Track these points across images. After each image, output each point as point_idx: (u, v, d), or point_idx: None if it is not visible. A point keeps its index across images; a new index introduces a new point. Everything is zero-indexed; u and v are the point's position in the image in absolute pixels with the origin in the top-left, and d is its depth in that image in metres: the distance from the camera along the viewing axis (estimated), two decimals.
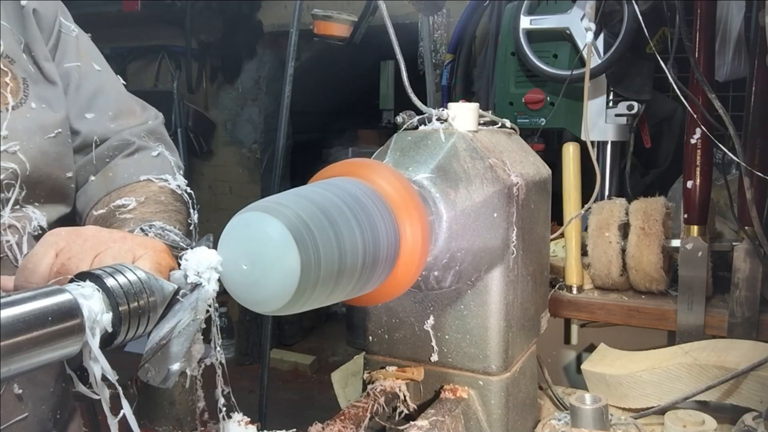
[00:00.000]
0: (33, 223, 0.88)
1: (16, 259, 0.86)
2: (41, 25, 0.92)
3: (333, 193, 0.65)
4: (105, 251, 0.68)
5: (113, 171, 0.99)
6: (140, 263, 0.67)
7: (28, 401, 0.90)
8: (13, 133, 0.84)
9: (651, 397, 1.12)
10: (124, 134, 1.01)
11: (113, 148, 1.00)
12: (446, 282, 0.82)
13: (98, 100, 1.00)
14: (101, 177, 0.99)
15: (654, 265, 1.37)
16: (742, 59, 1.80)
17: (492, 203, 0.84)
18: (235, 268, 0.60)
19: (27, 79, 0.88)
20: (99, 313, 0.54)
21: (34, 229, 0.88)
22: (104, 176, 0.99)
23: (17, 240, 0.86)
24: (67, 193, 0.95)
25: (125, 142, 1.01)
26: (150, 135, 1.05)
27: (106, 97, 1.01)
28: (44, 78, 0.91)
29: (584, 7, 1.65)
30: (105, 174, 0.99)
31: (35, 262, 0.67)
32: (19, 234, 0.86)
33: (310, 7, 2.44)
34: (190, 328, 0.60)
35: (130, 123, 1.03)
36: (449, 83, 2.67)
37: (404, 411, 0.93)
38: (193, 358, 0.61)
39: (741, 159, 1.21)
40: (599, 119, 1.78)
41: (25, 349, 0.48)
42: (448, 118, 0.88)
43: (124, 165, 1.00)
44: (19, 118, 0.85)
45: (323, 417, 0.84)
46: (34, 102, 0.88)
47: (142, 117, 1.06)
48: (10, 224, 0.85)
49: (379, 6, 0.91)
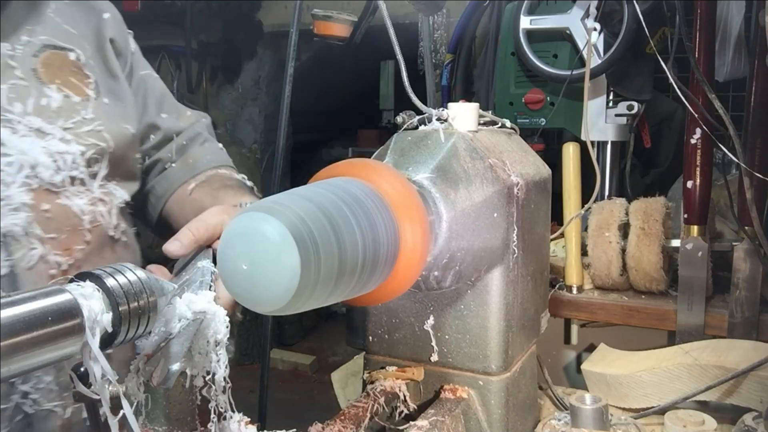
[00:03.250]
0: (118, 197, 1.01)
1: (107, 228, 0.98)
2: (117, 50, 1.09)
3: (333, 193, 0.65)
4: None
5: (193, 158, 1.15)
6: None
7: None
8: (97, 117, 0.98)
9: (651, 397, 1.12)
10: (195, 127, 1.19)
11: (187, 138, 1.17)
12: (446, 282, 0.82)
13: (166, 102, 1.18)
14: (181, 164, 1.15)
15: (654, 265, 1.37)
16: (742, 59, 1.81)
17: (492, 203, 0.84)
18: (235, 268, 0.60)
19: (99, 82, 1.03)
20: (99, 313, 0.54)
21: (120, 203, 1.01)
22: (184, 163, 1.15)
23: (108, 210, 0.98)
24: (137, 174, 1.10)
25: (197, 134, 1.18)
26: (209, 130, 1.23)
27: (169, 100, 1.19)
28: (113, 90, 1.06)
29: (584, 7, 1.65)
30: (185, 161, 1.15)
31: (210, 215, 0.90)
32: (108, 205, 0.98)
33: (310, 7, 2.44)
34: (189, 328, 0.60)
35: (190, 120, 1.21)
36: (449, 83, 2.66)
37: (404, 411, 0.93)
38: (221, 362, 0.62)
39: (741, 159, 1.21)
40: (599, 119, 1.78)
41: (25, 349, 0.48)
42: (448, 118, 0.88)
43: (201, 152, 1.17)
44: (99, 107, 1.00)
45: (323, 417, 0.84)
46: (107, 98, 1.03)
47: (194, 116, 1.23)
48: (100, 198, 0.97)
49: (379, 6, 0.91)
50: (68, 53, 1.00)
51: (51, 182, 0.90)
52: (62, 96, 0.95)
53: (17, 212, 0.86)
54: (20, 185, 0.87)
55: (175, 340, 0.60)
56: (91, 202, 0.95)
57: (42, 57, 0.96)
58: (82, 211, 0.93)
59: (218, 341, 0.63)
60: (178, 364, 0.59)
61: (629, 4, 1.55)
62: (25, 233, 0.86)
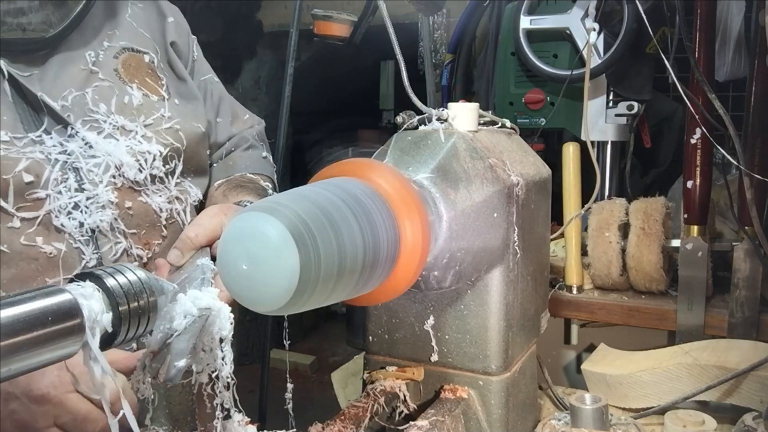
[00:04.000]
0: (192, 196, 1.08)
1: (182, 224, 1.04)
2: (179, 53, 1.15)
3: (333, 193, 0.65)
4: None
5: (233, 161, 1.21)
6: None
7: None
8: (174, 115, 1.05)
9: (651, 397, 1.12)
10: (244, 134, 1.25)
11: (234, 143, 1.23)
12: (446, 282, 0.82)
13: (222, 106, 1.24)
14: (222, 165, 1.21)
15: (654, 265, 1.37)
16: (742, 59, 1.80)
17: (492, 203, 0.84)
18: (235, 268, 0.60)
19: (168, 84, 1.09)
20: (99, 313, 0.54)
21: (194, 201, 1.08)
22: (225, 164, 1.21)
23: (183, 208, 1.05)
24: (208, 170, 1.17)
25: (244, 140, 1.24)
26: (260, 137, 1.28)
27: (225, 104, 1.25)
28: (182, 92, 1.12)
29: (584, 7, 1.65)
30: (226, 162, 1.21)
31: (207, 218, 0.94)
32: (183, 203, 1.05)
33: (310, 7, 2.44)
34: (195, 325, 0.61)
35: (244, 126, 1.27)
36: (449, 83, 2.66)
37: (404, 411, 0.93)
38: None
39: (741, 158, 1.21)
40: (599, 119, 1.78)
41: (25, 349, 0.48)
42: (448, 118, 0.88)
43: (241, 157, 1.22)
44: (172, 107, 1.06)
45: (323, 417, 0.84)
46: (177, 99, 1.09)
47: (250, 121, 1.29)
48: (177, 196, 1.04)
49: (379, 6, 0.91)
50: (143, 56, 1.07)
51: (135, 181, 0.97)
52: (142, 94, 1.02)
53: (104, 210, 0.93)
54: (107, 184, 0.93)
55: (181, 336, 0.60)
56: (168, 200, 1.02)
57: (122, 58, 1.03)
58: (160, 209, 1.01)
59: (223, 338, 0.63)
60: (184, 360, 0.59)
61: (629, 4, 1.55)
62: (111, 229, 0.93)
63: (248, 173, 1.20)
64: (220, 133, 1.22)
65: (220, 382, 0.65)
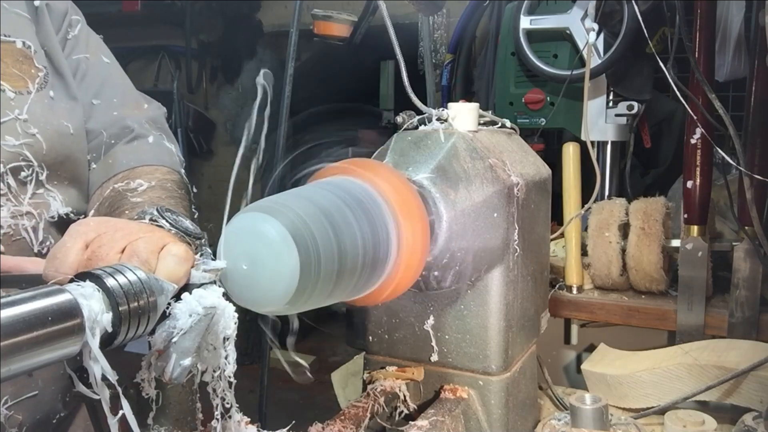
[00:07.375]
0: (51, 210, 0.92)
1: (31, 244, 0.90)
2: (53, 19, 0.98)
3: (333, 193, 0.65)
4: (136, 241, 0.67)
5: (113, 158, 1.02)
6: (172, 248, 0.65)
7: (38, 379, 0.91)
8: (32, 116, 0.89)
9: (651, 397, 1.12)
10: (126, 121, 1.04)
11: (114, 135, 1.03)
12: (446, 282, 0.82)
13: (105, 90, 1.05)
14: (102, 164, 1.02)
15: (654, 265, 1.37)
16: (742, 59, 1.80)
17: (492, 203, 0.84)
18: (234, 268, 0.60)
19: (47, 68, 0.94)
20: (99, 313, 0.54)
21: (53, 216, 0.92)
22: (105, 163, 1.02)
23: (34, 225, 0.90)
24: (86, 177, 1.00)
25: (126, 129, 1.04)
26: (151, 123, 1.08)
27: (113, 89, 1.06)
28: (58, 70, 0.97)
29: (584, 7, 1.65)
30: (105, 161, 1.02)
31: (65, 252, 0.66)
32: (35, 220, 0.90)
33: (310, 7, 2.44)
34: (200, 324, 0.60)
35: (134, 113, 1.06)
36: (449, 83, 2.66)
37: (404, 411, 0.93)
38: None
39: (741, 158, 1.21)
40: (599, 119, 1.78)
41: (25, 349, 0.48)
42: (448, 118, 0.88)
43: (123, 151, 1.02)
44: (38, 102, 0.91)
45: (323, 417, 0.84)
46: (53, 91, 0.94)
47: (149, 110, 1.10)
48: (27, 211, 0.89)
49: (379, 6, 0.91)
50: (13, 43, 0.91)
51: None
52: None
53: None
54: None
55: (186, 335, 0.60)
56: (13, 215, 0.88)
57: None
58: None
59: (227, 337, 0.63)
60: (189, 359, 0.59)
61: (629, 4, 1.55)
62: None
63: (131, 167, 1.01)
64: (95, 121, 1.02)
65: (222, 381, 0.65)
